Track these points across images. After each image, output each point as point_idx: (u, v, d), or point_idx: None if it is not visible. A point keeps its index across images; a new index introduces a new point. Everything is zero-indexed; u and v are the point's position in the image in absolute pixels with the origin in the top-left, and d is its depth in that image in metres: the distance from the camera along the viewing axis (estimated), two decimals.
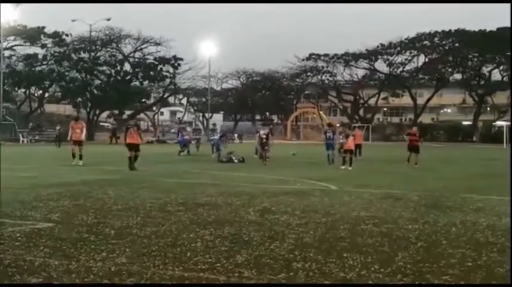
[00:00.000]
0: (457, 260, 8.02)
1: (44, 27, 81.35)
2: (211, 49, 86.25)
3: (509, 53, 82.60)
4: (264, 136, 30.02)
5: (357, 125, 69.81)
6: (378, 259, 8.04)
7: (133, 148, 24.60)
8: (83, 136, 27.94)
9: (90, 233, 9.55)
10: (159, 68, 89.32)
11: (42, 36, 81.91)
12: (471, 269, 7.57)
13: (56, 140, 53.33)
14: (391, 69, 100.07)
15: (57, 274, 7.05)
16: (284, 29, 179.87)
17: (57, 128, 56.91)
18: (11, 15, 70.05)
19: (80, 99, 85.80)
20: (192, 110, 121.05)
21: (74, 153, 27.20)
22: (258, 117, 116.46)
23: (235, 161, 30.76)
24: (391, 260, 7.99)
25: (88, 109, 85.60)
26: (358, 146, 34.76)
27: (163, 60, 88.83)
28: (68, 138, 28.50)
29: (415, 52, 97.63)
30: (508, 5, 63.15)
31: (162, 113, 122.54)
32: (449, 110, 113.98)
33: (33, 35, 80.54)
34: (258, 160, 30.64)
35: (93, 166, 26.39)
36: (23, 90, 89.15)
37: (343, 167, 25.97)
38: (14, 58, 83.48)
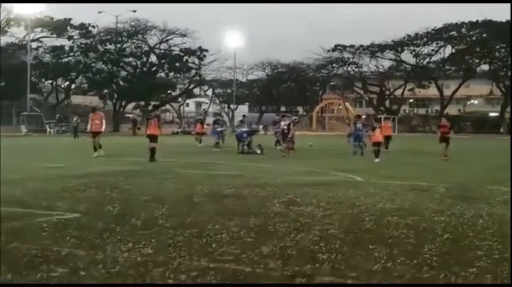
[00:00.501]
0: (483, 253, 7.94)
1: (70, 19, 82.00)
2: (236, 40, 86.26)
3: None
4: (286, 127, 29.67)
5: (383, 116, 69.48)
6: (404, 251, 8.00)
7: (154, 139, 24.32)
8: (103, 127, 27.26)
9: (116, 224, 9.59)
10: (184, 60, 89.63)
11: (68, 28, 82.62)
12: (498, 262, 7.49)
13: (74, 131, 53.54)
14: (418, 60, 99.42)
15: (84, 264, 7.10)
16: (308, 20, 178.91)
17: (75, 119, 57.42)
18: (37, 7, 70.66)
19: (106, 90, 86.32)
20: (217, 101, 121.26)
21: (95, 145, 26.48)
22: (283, 108, 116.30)
23: (258, 152, 30.75)
24: (417, 252, 7.94)
25: (114, 101, 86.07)
26: (387, 138, 34.41)
27: (189, 52, 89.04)
28: (88, 130, 27.74)
29: (442, 43, 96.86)
30: (508, 4, 62.65)
31: (187, 105, 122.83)
32: (476, 102, 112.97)
33: (59, 27, 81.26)
34: (279, 151, 30.47)
35: (118, 157, 26.52)
36: (50, 81, 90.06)
37: (376, 160, 25.48)
38: (41, 50, 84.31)
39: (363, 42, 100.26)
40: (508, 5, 63.26)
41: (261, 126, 43.99)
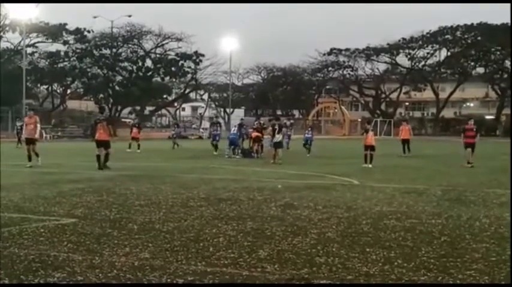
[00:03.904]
0: (481, 255, 7.96)
1: (65, 24, 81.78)
2: (232, 44, 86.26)
3: None
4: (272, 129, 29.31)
5: (379, 119, 69.40)
6: (401, 253, 8.01)
7: (102, 144, 22.28)
8: (38, 134, 24.30)
9: (113, 229, 9.59)
10: (180, 64, 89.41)
11: (64, 33, 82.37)
12: (495, 264, 7.51)
13: (18, 137, 43.72)
14: (413, 64, 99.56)
15: (81, 269, 7.09)
16: (304, 23, 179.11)
17: (18, 124, 47.58)
18: (32, 12, 70.51)
19: (101, 95, 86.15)
20: (213, 105, 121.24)
21: (29, 154, 23.30)
22: (279, 112, 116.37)
23: (254, 156, 31.03)
24: (414, 255, 7.96)
25: (110, 105, 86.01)
26: (406, 141, 34.35)
27: (185, 56, 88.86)
28: (22, 136, 25.14)
29: (437, 46, 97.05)
30: (508, 4, 62.77)
31: (183, 109, 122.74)
32: (471, 104, 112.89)
33: (55, 32, 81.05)
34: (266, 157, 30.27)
35: (113, 161, 26.40)
36: (46, 86, 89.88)
37: (364, 165, 25.04)
38: (36, 55, 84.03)
39: (358, 45, 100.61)
40: (508, 5, 63.37)
41: (250, 130, 43.64)
